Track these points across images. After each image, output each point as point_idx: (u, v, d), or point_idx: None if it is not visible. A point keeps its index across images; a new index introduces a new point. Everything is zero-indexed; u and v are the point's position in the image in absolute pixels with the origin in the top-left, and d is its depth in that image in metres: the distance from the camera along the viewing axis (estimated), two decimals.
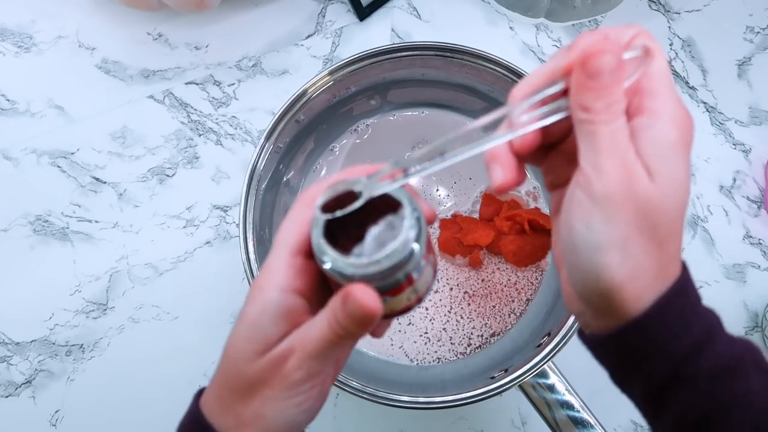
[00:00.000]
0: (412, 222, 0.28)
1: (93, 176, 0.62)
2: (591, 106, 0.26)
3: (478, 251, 0.57)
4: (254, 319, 0.29)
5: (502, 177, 0.29)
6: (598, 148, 0.26)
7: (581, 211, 0.26)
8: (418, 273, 0.29)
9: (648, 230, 0.26)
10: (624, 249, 0.25)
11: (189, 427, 0.31)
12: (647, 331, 0.26)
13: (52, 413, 0.59)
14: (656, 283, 0.26)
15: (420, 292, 0.30)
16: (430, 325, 0.57)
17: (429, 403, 0.48)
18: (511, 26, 0.64)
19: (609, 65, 0.25)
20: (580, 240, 0.26)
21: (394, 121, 0.61)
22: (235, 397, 0.29)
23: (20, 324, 0.59)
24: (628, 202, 0.25)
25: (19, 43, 0.64)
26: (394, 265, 0.27)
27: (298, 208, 0.30)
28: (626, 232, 0.25)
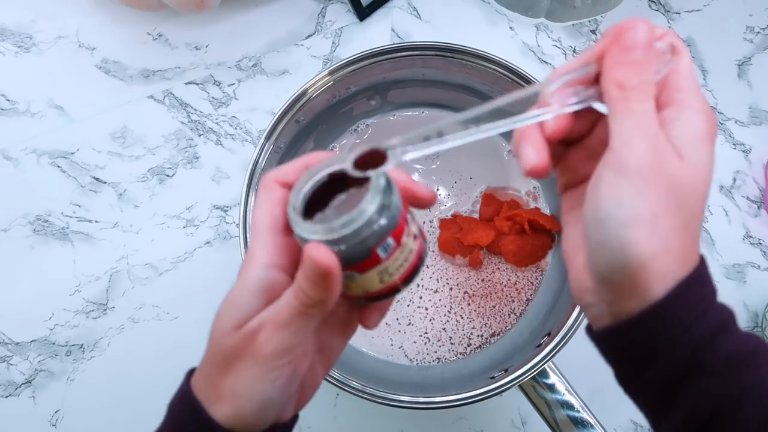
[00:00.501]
0: (375, 195, 0.28)
1: (93, 176, 0.62)
2: (625, 82, 0.27)
3: (478, 251, 0.57)
4: (235, 294, 0.29)
5: (535, 158, 0.29)
6: (631, 126, 0.26)
7: (610, 189, 0.26)
8: (384, 251, 0.29)
9: (676, 209, 0.26)
10: (652, 224, 0.26)
11: (179, 404, 0.31)
12: (667, 315, 0.26)
13: (52, 413, 0.59)
14: (678, 266, 0.27)
15: (395, 276, 0.30)
16: (430, 325, 0.57)
17: (429, 403, 0.48)
18: (511, 26, 0.64)
19: (643, 39, 0.27)
20: (608, 217, 0.26)
21: (394, 121, 0.61)
22: (215, 372, 0.30)
23: (20, 324, 0.59)
24: (658, 179, 0.26)
25: (19, 43, 0.64)
26: (351, 232, 0.27)
27: (262, 193, 0.31)
28: (655, 207, 0.26)
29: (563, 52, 0.64)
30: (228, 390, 0.29)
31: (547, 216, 0.57)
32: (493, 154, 0.60)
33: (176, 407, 0.31)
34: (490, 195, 0.58)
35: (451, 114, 0.60)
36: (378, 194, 0.28)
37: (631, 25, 0.27)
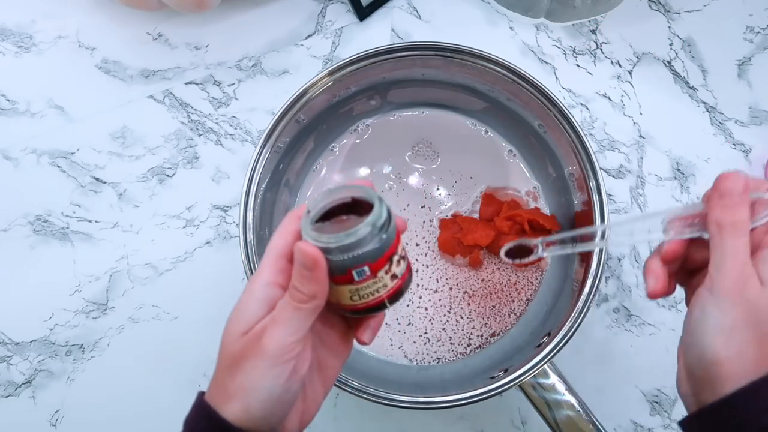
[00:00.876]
0: (368, 226, 0.33)
1: (93, 176, 0.62)
2: (721, 220, 0.34)
3: (478, 251, 0.57)
4: (242, 305, 0.34)
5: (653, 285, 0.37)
6: (724, 256, 0.34)
7: (701, 302, 0.34)
8: (358, 275, 0.34)
9: (753, 325, 0.32)
10: (729, 334, 0.32)
11: (193, 414, 0.34)
12: (737, 406, 0.32)
13: (52, 413, 0.59)
14: (752, 370, 0.32)
15: (366, 299, 0.35)
16: (430, 325, 0.57)
17: (429, 403, 0.48)
18: (511, 26, 0.64)
19: (737, 187, 0.34)
20: (697, 324, 0.34)
21: (394, 121, 0.61)
22: (225, 375, 0.34)
23: (20, 324, 0.59)
24: (740, 300, 0.33)
25: (19, 43, 0.64)
26: (336, 247, 0.32)
27: (285, 223, 0.36)
28: (734, 322, 0.32)
29: (563, 52, 0.64)
30: (236, 388, 0.33)
31: (547, 216, 0.57)
32: (493, 154, 0.60)
33: (190, 417, 0.35)
34: (490, 195, 0.58)
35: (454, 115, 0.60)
36: (370, 227, 0.33)
37: (727, 176, 0.34)
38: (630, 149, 0.62)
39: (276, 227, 0.36)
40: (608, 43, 0.64)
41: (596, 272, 0.49)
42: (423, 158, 0.60)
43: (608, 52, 0.64)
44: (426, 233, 0.58)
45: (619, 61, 0.64)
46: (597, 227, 0.41)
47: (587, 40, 0.64)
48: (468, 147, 0.60)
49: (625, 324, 0.60)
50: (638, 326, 0.59)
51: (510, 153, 0.60)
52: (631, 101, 0.63)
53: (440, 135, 0.60)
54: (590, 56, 0.64)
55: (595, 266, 0.49)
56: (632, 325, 0.60)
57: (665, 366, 0.59)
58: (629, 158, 0.62)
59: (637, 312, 0.60)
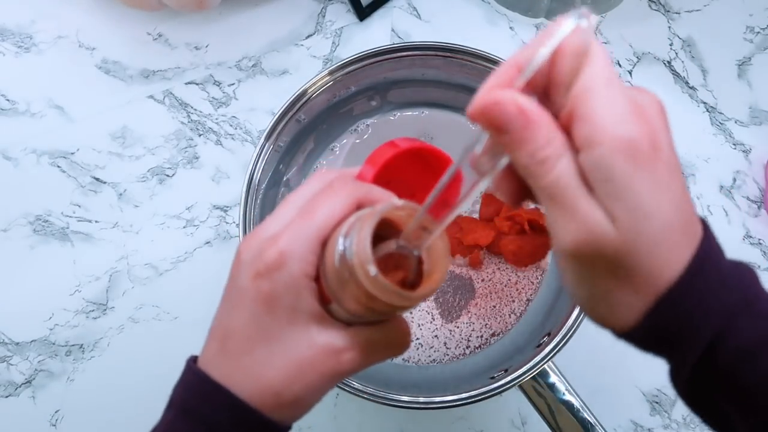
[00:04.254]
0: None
1: (93, 176, 0.62)
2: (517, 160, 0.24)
3: (478, 251, 0.57)
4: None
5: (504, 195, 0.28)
6: (548, 203, 0.24)
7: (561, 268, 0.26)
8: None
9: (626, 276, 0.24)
10: (607, 301, 0.25)
11: (206, 398, 0.31)
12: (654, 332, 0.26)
13: (52, 413, 0.59)
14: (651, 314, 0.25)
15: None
16: (431, 325, 0.57)
17: (429, 403, 0.48)
18: (511, 26, 0.64)
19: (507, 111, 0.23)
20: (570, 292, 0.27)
21: (394, 121, 0.61)
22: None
23: (20, 324, 0.59)
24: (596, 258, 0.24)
25: (19, 43, 0.64)
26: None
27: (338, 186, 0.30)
28: (605, 285, 0.25)
29: None
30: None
31: None
32: None
33: (197, 398, 0.31)
34: (490, 195, 0.58)
35: (454, 115, 0.60)
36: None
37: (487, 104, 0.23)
38: None
39: None
40: (608, 43, 0.64)
41: None
42: None
43: (608, 52, 0.64)
44: None
45: (619, 61, 0.64)
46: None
47: None
48: None
49: None
50: None
51: None
52: None
53: (440, 135, 0.60)
54: None
55: None
56: None
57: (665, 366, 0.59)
58: None
59: None
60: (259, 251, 0.29)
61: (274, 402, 0.30)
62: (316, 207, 0.30)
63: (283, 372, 0.29)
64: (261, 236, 0.30)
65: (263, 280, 0.29)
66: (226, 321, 0.31)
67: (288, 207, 0.31)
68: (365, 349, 0.30)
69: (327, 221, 0.29)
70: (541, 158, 0.23)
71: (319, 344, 0.29)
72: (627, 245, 0.23)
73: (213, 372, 0.30)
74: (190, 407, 0.30)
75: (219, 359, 0.31)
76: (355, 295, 0.28)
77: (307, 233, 0.29)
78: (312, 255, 0.29)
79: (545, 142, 0.23)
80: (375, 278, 0.27)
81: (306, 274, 0.29)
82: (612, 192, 0.23)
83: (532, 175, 0.23)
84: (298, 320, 0.29)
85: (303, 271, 0.29)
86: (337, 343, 0.29)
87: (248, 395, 0.29)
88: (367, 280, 0.27)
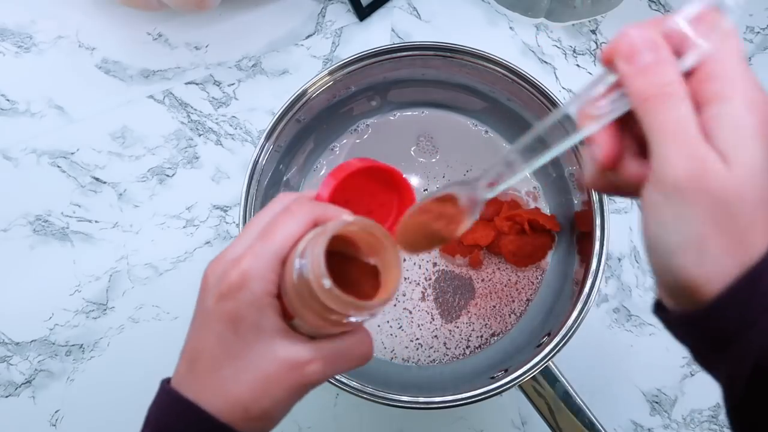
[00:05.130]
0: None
1: (93, 176, 0.62)
2: (642, 90, 0.25)
3: (478, 251, 0.57)
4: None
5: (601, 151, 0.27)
6: (663, 137, 0.24)
7: (654, 211, 0.25)
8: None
9: (726, 224, 0.24)
10: (699, 247, 0.24)
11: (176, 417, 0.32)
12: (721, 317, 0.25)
13: (52, 413, 0.59)
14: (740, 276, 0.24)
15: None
16: (430, 325, 0.57)
17: (429, 403, 0.48)
18: (511, 26, 0.64)
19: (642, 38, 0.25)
20: (654, 241, 0.25)
21: (394, 121, 0.61)
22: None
23: (20, 324, 0.59)
24: (701, 195, 0.24)
25: (19, 43, 0.64)
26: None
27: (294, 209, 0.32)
28: (702, 229, 0.24)
29: (563, 52, 0.64)
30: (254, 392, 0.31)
31: (547, 216, 0.57)
32: (493, 154, 0.60)
33: (170, 419, 0.33)
34: None
35: (454, 115, 0.60)
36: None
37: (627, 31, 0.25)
38: None
39: None
40: (608, 43, 0.64)
41: (596, 272, 0.49)
42: (423, 152, 0.60)
43: None
44: None
45: None
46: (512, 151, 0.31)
47: (587, 40, 0.64)
48: (468, 147, 0.60)
49: (625, 324, 0.60)
50: (638, 326, 0.59)
51: None
52: None
53: (440, 135, 0.60)
54: (590, 56, 0.64)
55: (595, 266, 0.49)
56: (632, 324, 0.60)
57: (665, 366, 0.59)
58: None
59: (637, 312, 0.60)
60: (223, 274, 0.31)
61: (243, 416, 0.31)
62: (275, 229, 0.31)
63: (250, 387, 0.30)
64: (224, 260, 0.32)
65: (227, 300, 0.31)
66: (195, 342, 0.33)
67: (249, 231, 0.33)
68: (329, 360, 0.31)
69: (285, 241, 0.31)
70: (668, 92, 0.24)
71: (283, 358, 0.31)
72: (738, 189, 0.23)
73: (184, 391, 0.32)
74: (164, 425, 0.32)
75: (189, 379, 0.32)
76: (314, 309, 0.30)
77: (267, 254, 0.31)
78: (272, 274, 0.31)
79: (674, 78, 0.25)
80: (330, 291, 0.29)
81: (268, 293, 0.31)
82: (736, 140, 0.24)
83: (654, 109, 0.24)
84: (263, 337, 0.31)
85: (265, 289, 0.30)
86: (301, 357, 0.31)
87: (218, 411, 0.31)
88: (323, 293, 0.29)
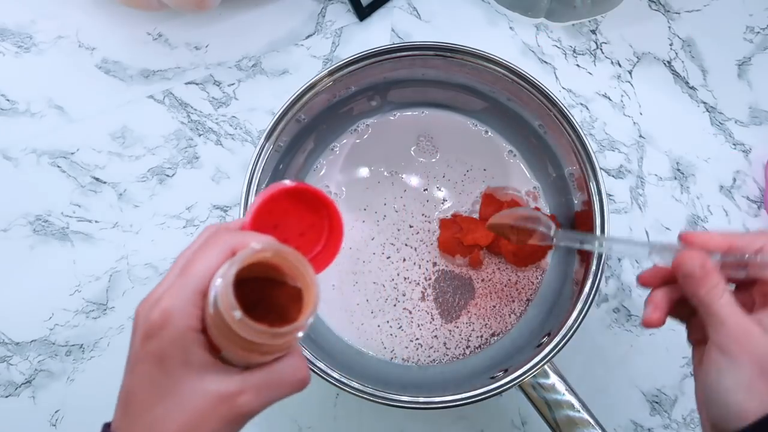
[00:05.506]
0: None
1: (93, 176, 0.62)
2: (696, 294, 0.36)
3: (478, 251, 0.57)
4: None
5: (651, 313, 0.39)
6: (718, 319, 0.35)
7: (714, 363, 0.35)
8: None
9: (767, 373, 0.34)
10: (749, 389, 0.34)
11: None
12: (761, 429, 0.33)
13: (52, 413, 0.59)
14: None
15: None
16: (431, 325, 0.57)
17: (429, 403, 0.48)
18: (511, 26, 0.64)
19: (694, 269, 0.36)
20: (715, 383, 0.35)
21: (394, 121, 0.61)
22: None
23: (20, 324, 0.59)
24: (749, 354, 0.34)
25: (19, 43, 0.64)
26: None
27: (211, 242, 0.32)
28: (750, 376, 0.34)
29: (563, 52, 0.64)
30: None
31: (547, 216, 0.57)
32: (493, 154, 0.60)
33: None
34: (490, 195, 0.58)
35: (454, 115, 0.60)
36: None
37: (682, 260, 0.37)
38: (630, 149, 0.62)
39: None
40: (608, 43, 0.64)
41: (596, 272, 0.49)
42: (423, 152, 0.60)
43: (608, 52, 0.64)
44: (426, 233, 0.58)
45: (619, 61, 0.64)
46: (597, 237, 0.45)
47: (587, 40, 0.64)
48: (468, 147, 0.60)
49: (625, 324, 0.60)
50: (638, 326, 0.59)
51: (510, 153, 0.60)
52: (631, 101, 0.63)
53: (440, 135, 0.60)
54: (590, 56, 0.64)
55: (595, 266, 0.49)
56: (632, 325, 0.60)
57: (665, 366, 0.59)
58: (629, 158, 0.62)
59: (637, 312, 0.60)
60: (147, 314, 0.32)
61: None
62: (193, 263, 0.32)
63: (182, 424, 0.31)
64: (149, 300, 0.33)
65: (152, 340, 0.31)
66: (127, 384, 0.33)
67: (172, 269, 0.33)
68: (261, 389, 0.32)
69: (204, 275, 0.31)
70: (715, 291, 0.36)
71: (213, 392, 0.31)
72: None
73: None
74: None
75: (125, 422, 0.33)
76: (233, 340, 0.30)
77: (186, 289, 0.31)
78: (194, 309, 0.31)
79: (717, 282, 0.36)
80: (241, 321, 0.29)
81: (191, 328, 0.31)
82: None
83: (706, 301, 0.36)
84: (191, 373, 0.31)
85: (188, 325, 0.31)
86: (231, 389, 0.31)
87: None
88: (234, 324, 0.29)
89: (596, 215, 0.50)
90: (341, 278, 0.57)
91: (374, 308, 0.57)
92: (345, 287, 0.57)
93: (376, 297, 0.57)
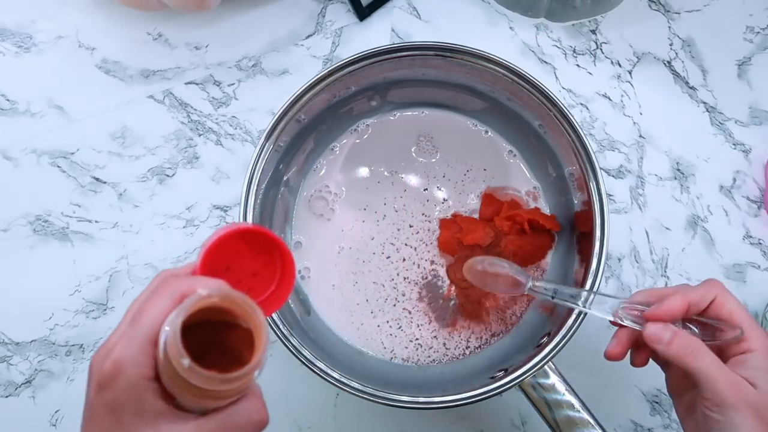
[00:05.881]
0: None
1: (93, 176, 0.62)
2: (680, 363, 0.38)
3: (478, 251, 0.57)
4: None
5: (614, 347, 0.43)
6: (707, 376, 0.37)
7: (713, 420, 0.37)
8: None
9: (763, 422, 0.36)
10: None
11: None
12: None
13: (52, 413, 0.59)
14: None
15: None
16: (429, 325, 0.57)
17: (429, 403, 0.48)
18: (511, 26, 0.64)
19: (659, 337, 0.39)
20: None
21: (394, 121, 0.61)
22: None
23: (20, 324, 0.59)
24: (744, 402, 0.36)
25: (19, 43, 0.64)
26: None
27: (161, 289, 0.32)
28: (752, 424, 0.36)
29: (563, 52, 0.64)
30: None
31: (547, 216, 0.57)
32: (493, 154, 0.60)
33: None
34: (490, 195, 0.58)
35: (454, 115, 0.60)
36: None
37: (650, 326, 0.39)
38: (630, 149, 0.62)
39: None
40: (608, 43, 0.64)
41: (596, 272, 0.49)
42: (423, 152, 0.60)
43: (608, 52, 0.64)
44: (426, 233, 0.58)
45: (619, 61, 0.64)
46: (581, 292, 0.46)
47: (587, 40, 0.64)
48: (468, 147, 0.60)
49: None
50: None
51: (510, 153, 0.60)
52: (631, 101, 0.63)
53: (440, 135, 0.60)
54: (590, 56, 0.64)
55: (595, 266, 0.49)
56: None
57: None
58: (629, 158, 0.62)
59: None
60: (99, 365, 0.31)
61: None
62: (143, 312, 0.32)
63: None
64: (102, 350, 0.32)
65: (105, 391, 0.31)
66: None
67: (124, 317, 0.33)
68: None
69: (153, 323, 0.31)
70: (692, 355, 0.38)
71: None
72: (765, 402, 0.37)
73: None
74: None
75: None
76: (185, 387, 0.30)
77: (137, 338, 0.31)
78: (146, 357, 0.31)
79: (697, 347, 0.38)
80: (190, 369, 0.29)
81: (144, 377, 0.31)
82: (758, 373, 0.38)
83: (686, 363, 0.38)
84: (145, 422, 0.30)
85: (140, 374, 0.30)
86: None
87: None
88: (184, 372, 0.29)
89: (596, 215, 0.50)
90: (341, 278, 0.57)
91: (374, 308, 0.57)
92: (345, 287, 0.57)
93: (375, 297, 0.57)
